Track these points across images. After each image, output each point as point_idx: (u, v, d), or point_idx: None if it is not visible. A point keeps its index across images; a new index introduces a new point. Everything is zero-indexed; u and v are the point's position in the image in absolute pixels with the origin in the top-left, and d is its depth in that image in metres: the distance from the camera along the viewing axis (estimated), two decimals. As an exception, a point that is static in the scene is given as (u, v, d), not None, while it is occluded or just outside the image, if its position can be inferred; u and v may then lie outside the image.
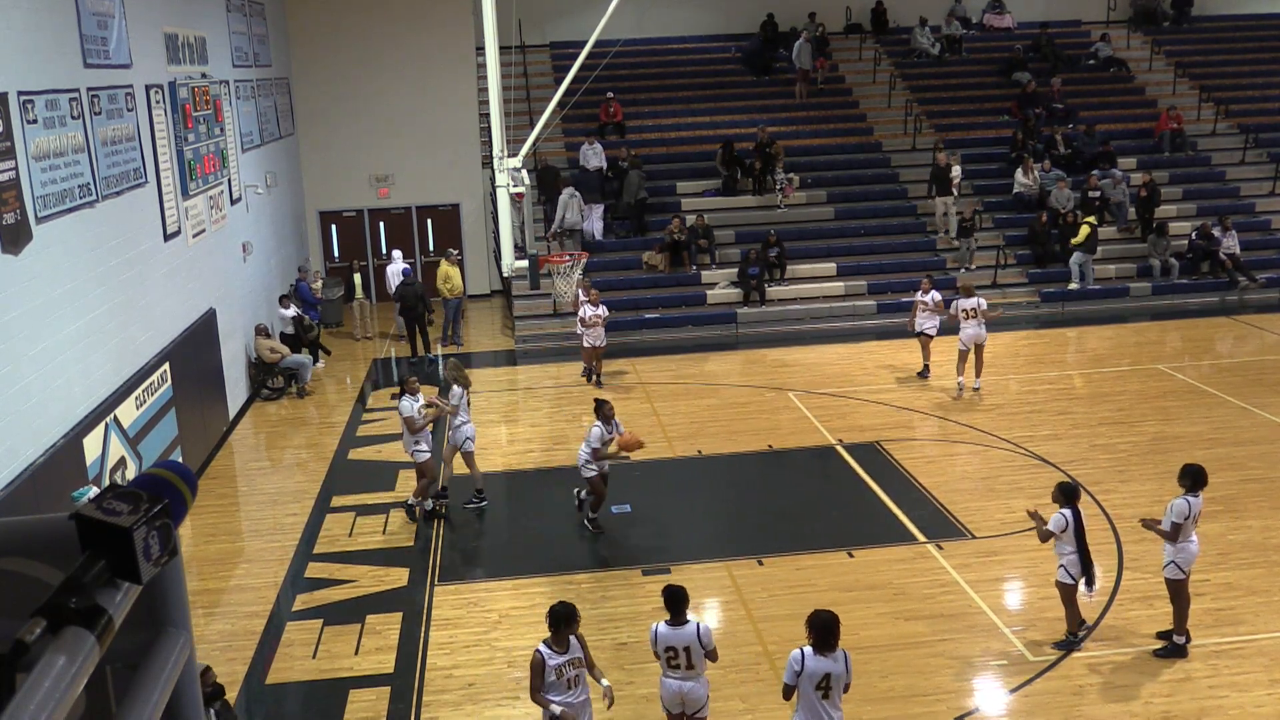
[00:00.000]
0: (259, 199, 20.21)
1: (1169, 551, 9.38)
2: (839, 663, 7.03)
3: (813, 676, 6.99)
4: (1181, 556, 9.34)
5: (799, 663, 7.01)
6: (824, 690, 7.01)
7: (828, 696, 7.02)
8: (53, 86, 11.04)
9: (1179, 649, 9.49)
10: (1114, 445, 14.60)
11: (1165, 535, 9.34)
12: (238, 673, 9.89)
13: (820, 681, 7.00)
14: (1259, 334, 20.18)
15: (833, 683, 7.01)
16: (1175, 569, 9.37)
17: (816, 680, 7.00)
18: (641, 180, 23.24)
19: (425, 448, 12.83)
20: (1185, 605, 9.48)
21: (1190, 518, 9.29)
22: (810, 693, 7.02)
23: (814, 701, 7.03)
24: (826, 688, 7.01)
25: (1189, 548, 9.37)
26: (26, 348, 10.13)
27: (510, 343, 21.57)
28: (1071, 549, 9.45)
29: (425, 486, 13.01)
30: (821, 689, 7.01)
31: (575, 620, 7.47)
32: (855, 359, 19.42)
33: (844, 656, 7.07)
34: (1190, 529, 9.33)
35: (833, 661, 7.01)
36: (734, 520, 13.10)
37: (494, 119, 16.21)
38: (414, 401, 12.73)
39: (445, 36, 24.65)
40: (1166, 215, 23.63)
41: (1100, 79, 28.15)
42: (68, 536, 1.37)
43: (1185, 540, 9.34)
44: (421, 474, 12.95)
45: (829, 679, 7.00)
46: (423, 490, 13.03)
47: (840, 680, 7.05)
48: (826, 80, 27.48)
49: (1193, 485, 9.37)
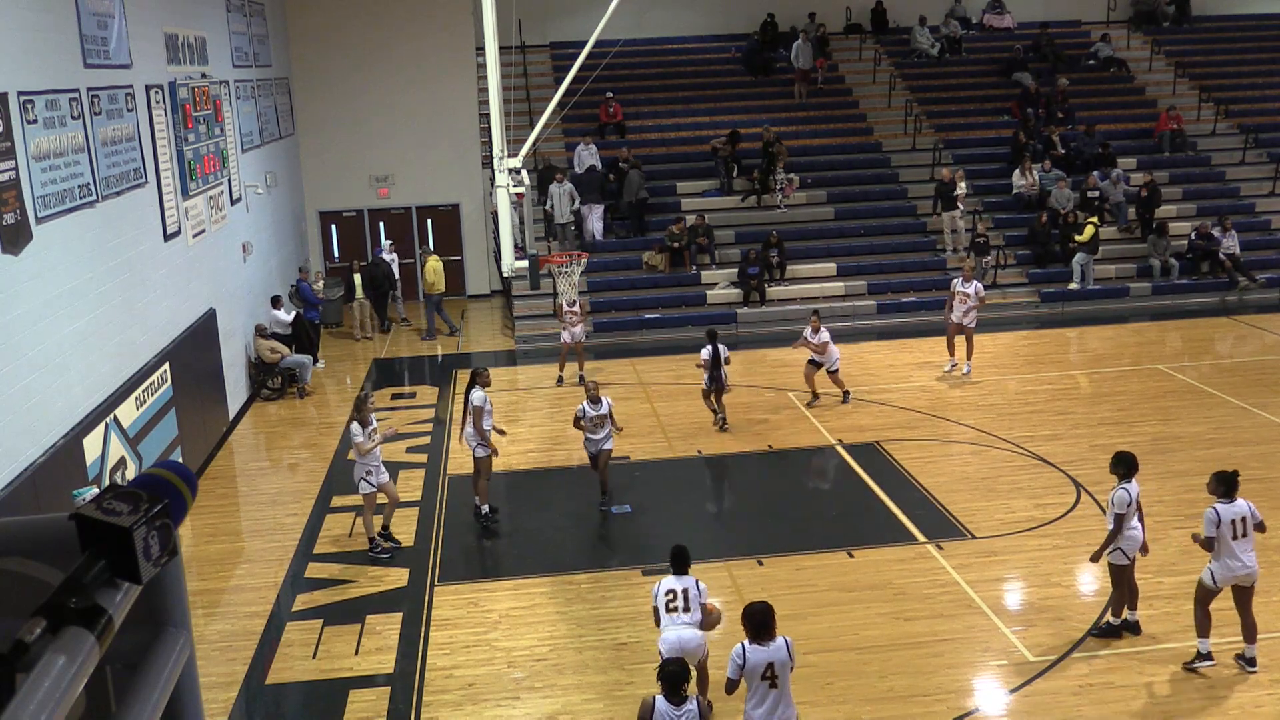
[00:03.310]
0: (259, 199, 20.22)
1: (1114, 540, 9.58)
2: (781, 650, 7.19)
3: (757, 668, 7.17)
4: (1127, 544, 9.52)
5: (741, 656, 7.18)
6: (771, 679, 7.17)
7: (775, 685, 7.18)
8: (53, 86, 11.04)
9: (1115, 630, 9.74)
10: (1114, 445, 14.47)
11: (1111, 532, 9.53)
12: (238, 673, 9.88)
13: (765, 671, 7.16)
14: (1259, 334, 20.18)
15: (778, 670, 7.18)
16: (1120, 555, 9.55)
17: (761, 671, 7.17)
18: (642, 180, 23.24)
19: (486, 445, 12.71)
20: (1124, 590, 9.70)
21: (1131, 505, 9.43)
22: (757, 684, 7.19)
23: (764, 691, 7.19)
24: (773, 676, 7.17)
25: (1134, 535, 9.54)
26: (26, 348, 10.13)
27: (510, 343, 21.58)
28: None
29: (483, 487, 12.89)
30: (768, 678, 7.17)
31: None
32: (855, 359, 19.40)
33: (785, 643, 7.24)
34: (1132, 516, 9.48)
35: (774, 650, 7.18)
36: (734, 520, 13.10)
37: (494, 119, 16.21)
38: (484, 402, 12.60)
39: (445, 36, 24.66)
40: (1166, 215, 23.62)
41: (1100, 79, 28.14)
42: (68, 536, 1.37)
43: (1129, 528, 9.49)
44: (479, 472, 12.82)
45: (773, 668, 7.16)
46: (483, 491, 12.86)
47: (785, 667, 7.21)
48: (826, 80, 27.48)
49: (1127, 473, 9.55)
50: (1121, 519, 9.43)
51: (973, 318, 17.62)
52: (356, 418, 11.94)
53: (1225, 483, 9.17)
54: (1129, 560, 9.58)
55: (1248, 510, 9.08)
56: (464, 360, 20.61)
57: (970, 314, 17.55)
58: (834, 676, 9.34)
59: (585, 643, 9.95)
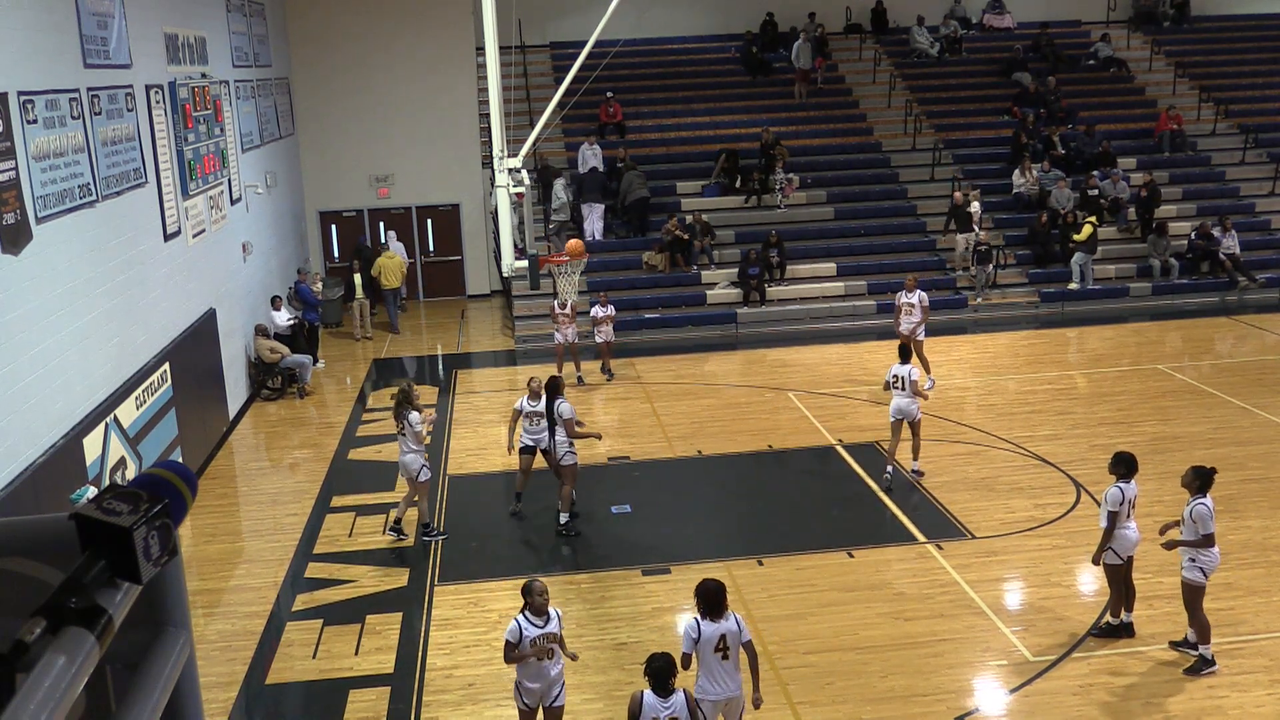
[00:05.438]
0: (259, 199, 20.21)
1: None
2: (731, 622, 7.45)
3: (710, 640, 7.43)
4: (1119, 544, 9.49)
5: (695, 630, 7.45)
6: (723, 652, 7.43)
7: (727, 657, 7.44)
8: (53, 86, 11.03)
9: (1114, 630, 9.75)
10: (1114, 445, 14.48)
11: (1105, 531, 9.51)
12: (238, 673, 9.88)
13: (718, 644, 7.42)
14: (1259, 334, 20.18)
15: (730, 642, 7.43)
16: (1113, 555, 9.53)
17: (715, 643, 7.42)
18: (642, 180, 23.24)
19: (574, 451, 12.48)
20: (1119, 590, 9.70)
21: (1125, 504, 9.41)
22: (710, 656, 7.43)
23: (714, 664, 7.44)
24: (725, 649, 7.43)
25: (1127, 535, 9.50)
26: (26, 348, 10.12)
27: (510, 343, 21.58)
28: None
29: (568, 494, 12.71)
30: (720, 650, 7.43)
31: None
32: (855, 359, 19.42)
33: (735, 617, 7.50)
34: (1125, 515, 9.45)
35: (726, 623, 7.43)
36: (734, 520, 13.10)
37: (494, 119, 16.19)
38: (572, 413, 12.41)
39: (445, 36, 24.66)
40: (1166, 215, 23.62)
41: (1100, 79, 28.15)
42: (68, 536, 1.37)
43: (1122, 528, 9.46)
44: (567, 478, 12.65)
45: (725, 639, 7.42)
46: (567, 498, 12.66)
47: (737, 640, 7.45)
48: (826, 80, 27.47)
49: (1126, 473, 9.53)
50: (1114, 516, 9.42)
51: (921, 330, 17.08)
52: (410, 407, 12.22)
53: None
54: (1122, 560, 9.55)
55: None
56: (464, 360, 20.63)
57: (919, 327, 17.01)
58: (834, 676, 9.34)
59: (585, 643, 9.95)
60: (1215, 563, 9.13)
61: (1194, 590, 9.12)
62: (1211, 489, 9.21)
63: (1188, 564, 9.11)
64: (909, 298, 17.16)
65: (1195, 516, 9.00)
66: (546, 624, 7.75)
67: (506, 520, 13.12)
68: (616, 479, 14.09)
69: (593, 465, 14.10)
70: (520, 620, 7.75)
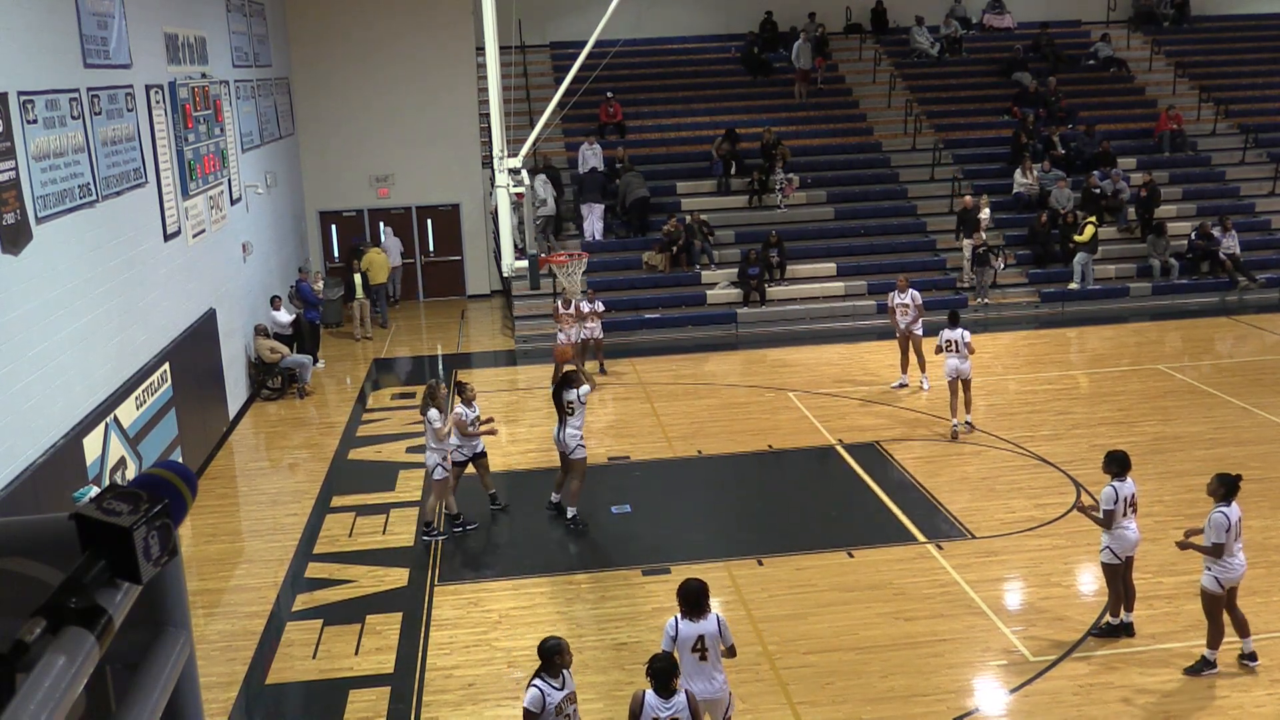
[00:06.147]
0: (259, 199, 20.21)
1: (1104, 538, 9.52)
2: (711, 623, 7.42)
3: (688, 640, 7.41)
4: (1118, 544, 9.47)
5: (674, 629, 7.45)
6: (700, 652, 7.40)
7: (705, 658, 7.41)
8: (53, 86, 11.04)
9: (1114, 630, 9.73)
10: (1114, 445, 14.51)
11: (1100, 523, 9.52)
12: (238, 673, 9.88)
13: (695, 644, 7.40)
14: (1259, 334, 20.18)
15: (708, 643, 7.42)
16: (1110, 554, 9.51)
17: (692, 643, 7.41)
18: (641, 180, 23.24)
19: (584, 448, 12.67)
20: (1118, 590, 9.66)
21: (1119, 503, 9.39)
22: (687, 656, 7.40)
23: (691, 664, 7.40)
24: (703, 649, 7.40)
25: (1126, 535, 9.48)
26: (26, 348, 10.13)
27: (510, 343, 21.58)
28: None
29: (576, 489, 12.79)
30: (698, 651, 7.40)
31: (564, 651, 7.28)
32: (855, 359, 19.43)
33: (716, 618, 7.47)
34: (1121, 514, 9.43)
35: (705, 624, 7.38)
36: (734, 520, 13.10)
37: (494, 119, 16.21)
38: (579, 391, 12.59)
39: (445, 36, 24.66)
40: (1166, 215, 23.62)
41: (1100, 79, 28.15)
42: (68, 536, 1.37)
43: (1120, 527, 9.44)
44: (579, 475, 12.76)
45: (703, 640, 7.40)
46: (577, 492, 12.72)
47: (715, 641, 7.43)
48: (826, 80, 27.47)
49: (1120, 471, 9.50)
50: (1110, 515, 9.41)
51: (918, 326, 17.06)
52: (433, 405, 12.24)
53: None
54: (1119, 560, 9.52)
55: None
56: (464, 360, 20.63)
57: (917, 323, 17.01)
58: (834, 676, 9.34)
59: (585, 643, 9.95)
60: (1232, 574, 8.97)
61: (1209, 598, 9.05)
62: (1237, 497, 9.09)
63: (1205, 571, 9.07)
64: (902, 298, 17.17)
65: (1212, 524, 8.94)
66: (564, 685, 7.20)
67: (507, 520, 13.11)
68: (616, 479, 14.08)
69: (593, 465, 14.06)
70: (541, 686, 7.04)
